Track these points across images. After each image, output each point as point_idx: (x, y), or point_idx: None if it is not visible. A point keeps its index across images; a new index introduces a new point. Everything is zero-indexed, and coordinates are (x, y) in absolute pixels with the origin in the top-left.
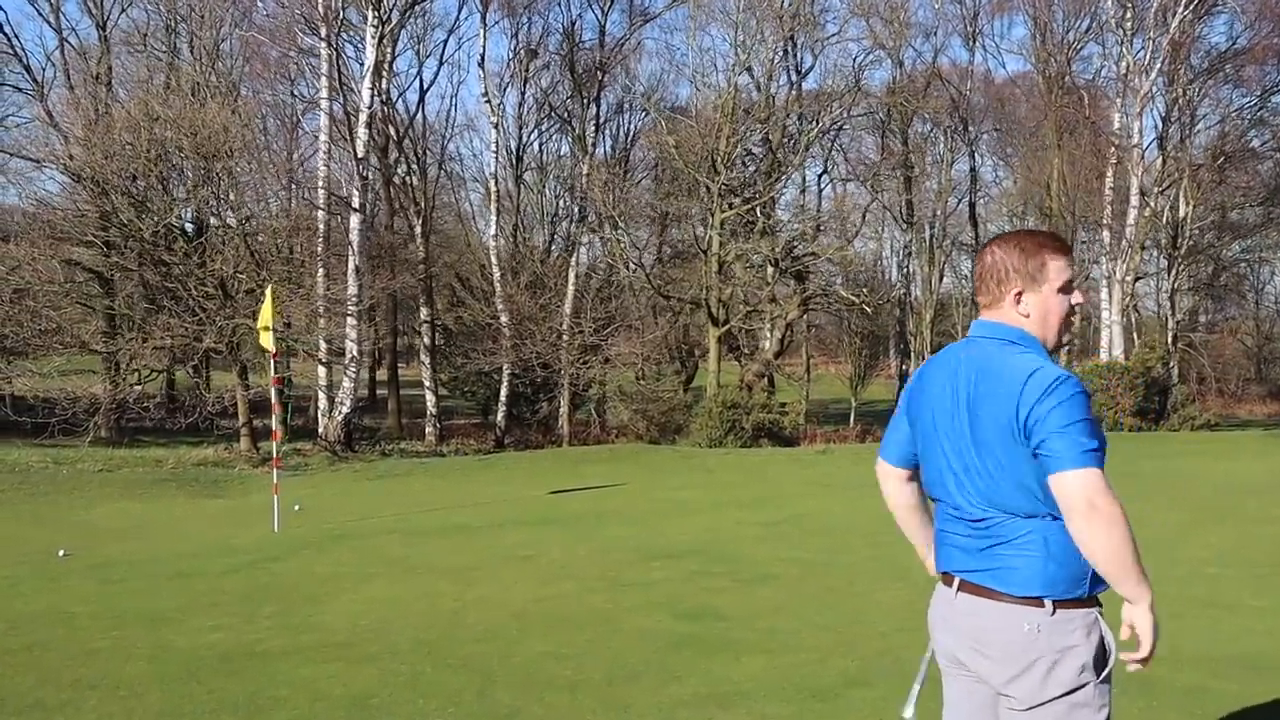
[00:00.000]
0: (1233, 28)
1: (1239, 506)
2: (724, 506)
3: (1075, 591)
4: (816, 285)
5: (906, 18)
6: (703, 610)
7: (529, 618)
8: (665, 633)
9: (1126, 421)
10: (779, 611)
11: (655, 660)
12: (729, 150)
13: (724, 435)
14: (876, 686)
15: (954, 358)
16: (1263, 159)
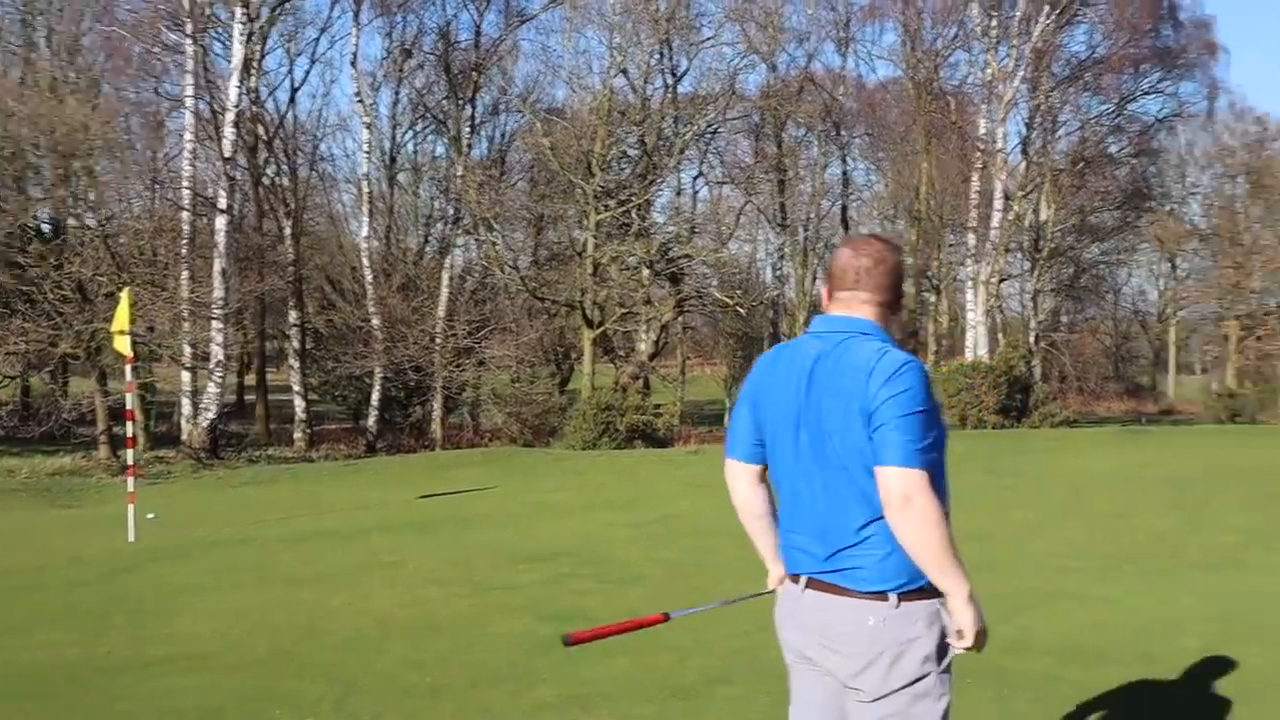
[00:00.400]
0: (1092, 37)
1: (1091, 501)
2: (595, 508)
3: (918, 583)
4: (691, 287)
5: (780, 23)
6: (569, 612)
7: (391, 624)
8: (530, 636)
9: (990, 419)
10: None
11: (519, 663)
12: (604, 152)
13: (598, 437)
14: (738, 684)
15: (804, 351)
16: (1120, 165)
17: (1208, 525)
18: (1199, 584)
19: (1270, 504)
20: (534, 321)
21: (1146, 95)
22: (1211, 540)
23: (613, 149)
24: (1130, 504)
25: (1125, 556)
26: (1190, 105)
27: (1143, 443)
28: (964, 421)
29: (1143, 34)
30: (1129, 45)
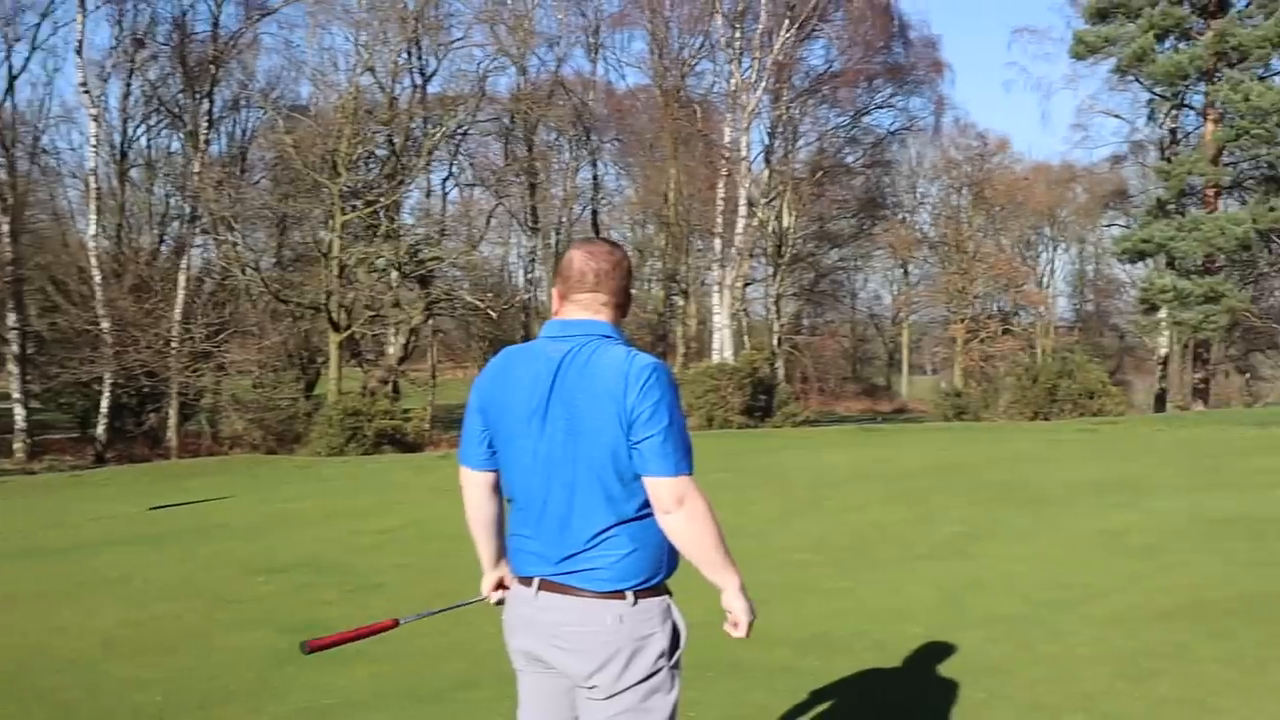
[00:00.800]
0: (829, 52)
1: (828, 497)
2: (339, 516)
3: (653, 580)
4: (441, 290)
5: (531, 26)
6: (308, 624)
7: (117, 644)
8: (267, 649)
9: (735, 419)
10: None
11: (255, 678)
12: (350, 152)
13: (345, 443)
14: (486, 688)
15: (543, 355)
16: (856, 174)
17: (934, 518)
18: (925, 574)
19: (990, 497)
20: (278, 325)
21: (879, 109)
22: (937, 532)
23: (359, 148)
24: (864, 499)
25: (858, 549)
26: (919, 120)
27: (876, 440)
28: (711, 422)
29: (876, 50)
30: (863, 61)
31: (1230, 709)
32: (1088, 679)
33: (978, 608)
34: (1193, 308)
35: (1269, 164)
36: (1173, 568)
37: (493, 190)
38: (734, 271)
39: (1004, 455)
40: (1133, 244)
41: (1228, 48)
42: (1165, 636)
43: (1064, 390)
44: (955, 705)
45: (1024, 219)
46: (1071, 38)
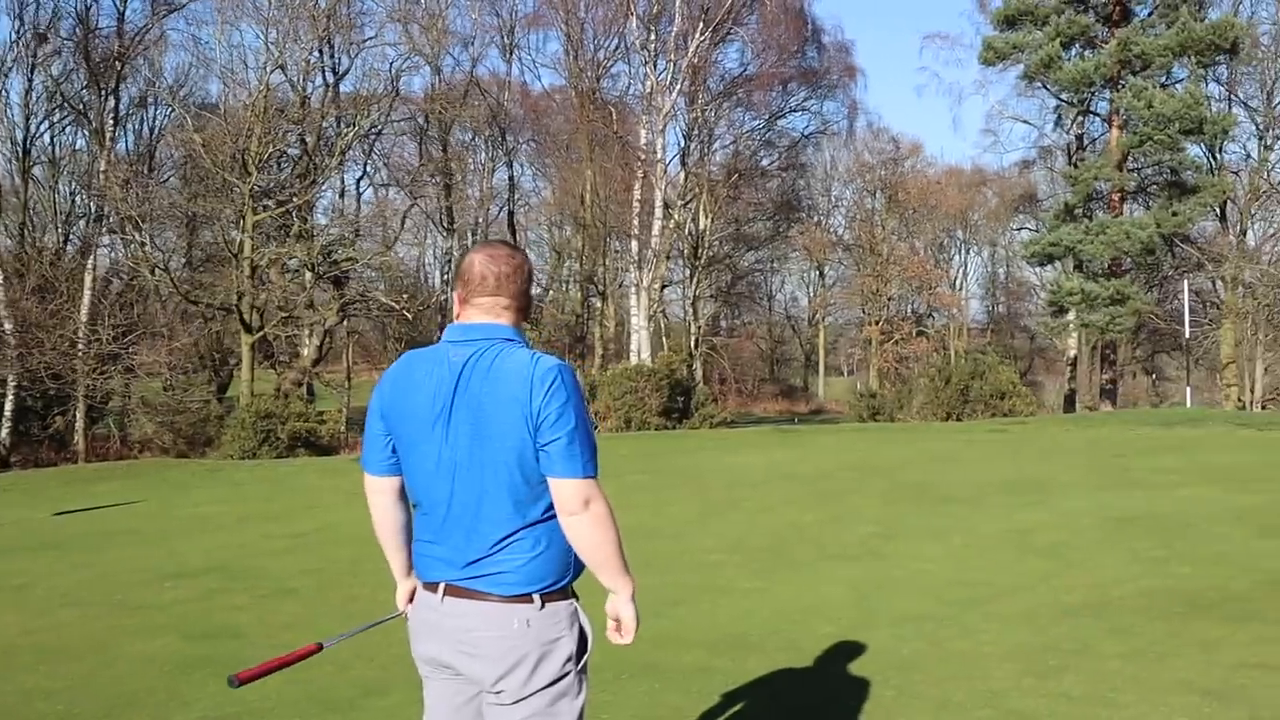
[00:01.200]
0: (744, 56)
1: (744, 498)
2: (250, 520)
3: (560, 584)
4: (356, 291)
5: (444, 26)
6: (217, 629)
7: (17, 652)
8: (173, 656)
9: (653, 421)
10: (298, 625)
11: (160, 686)
12: (261, 151)
13: (258, 447)
14: (393, 694)
15: (445, 359)
16: (771, 177)
17: (848, 518)
18: (839, 573)
19: (904, 497)
20: (188, 326)
21: (794, 112)
22: (851, 532)
23: (270, 148)
24: (780, 500)
25: (774, 550)
26: (833, 123)
27: (792, 441)
28: (629, 424)
29: (790, 54)
30: (778, 65)
31: (1130, 704)
32: (995, 676)
33: (889, 607)
34: (1100, 310)
35: (1171, 169)
36: (1078, 566)
37: (408, 191)
38: (651, 273)
39: (917, 456)
40: (1041, 247)
41: (1131, 55)
42: (1070, 633)
43: (976, 391)
44: (866, 703)
45: (937, 222)
46: (981, 44)
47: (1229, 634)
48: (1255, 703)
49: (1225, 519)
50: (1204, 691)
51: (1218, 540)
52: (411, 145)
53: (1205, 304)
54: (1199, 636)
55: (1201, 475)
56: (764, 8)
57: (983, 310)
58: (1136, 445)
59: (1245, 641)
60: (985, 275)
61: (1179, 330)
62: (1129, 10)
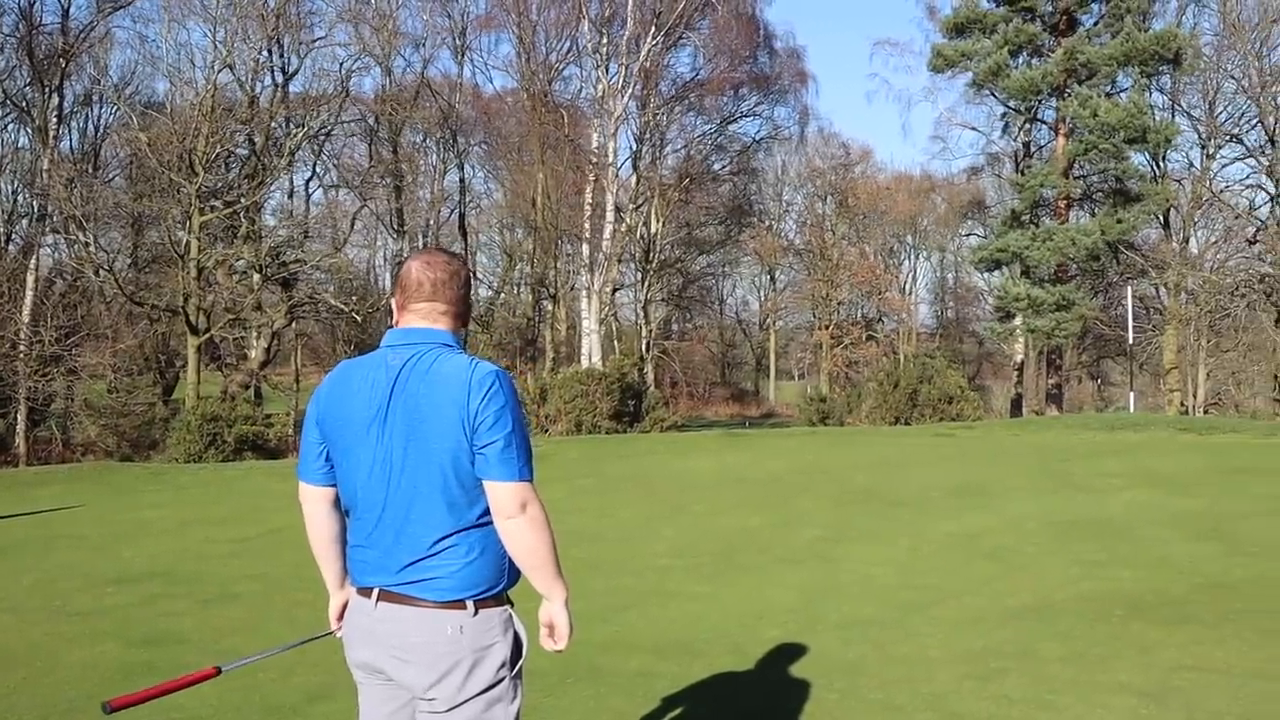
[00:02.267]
0: (696, 60)
1: (693, 502)
2: (194, 525)
3: (494, 590)
4: (305, 293)
5: (395, 26)
6: (159, 635)
7: None
8: (114, 663)
9: (604, 424)
10: (241, 631)
11: (100, 693)
12: (209, 151)
13: (204, 450)
14: (339, 699)
15: (382, 365)
16: (723, 182)
17: (796, 522)
18: (786, 578)
19: (851, 501)
20: (133, 327)
21: (745, 117)
22: (798, 536)
23: (218, 148)
24: (727, 504)
25: (721, 554)
26: (784, 128)
27: (742, 445)
28: (579, 427)
29: (742, 60)
30: (729, 70)
31: (1069, 705)
32: (938, 679)
33: (835, 611)
34: (1046, 315)
35: (1116, 177)
36: (1022, 570)
37: (358, 192)
38: (602, 277)
39: (865, 460)
40: (989, 253)
41: (1077, 64)
42: (1012, 637)
43: (924, 395)
44: (809, 706)
45: (886, 227)
46: (930, 52)
47: (1166, 636)
48: (1191, 704)
49: (1165, 523)
50: (1141, 693)
51: (1157, 544)
52: (362, 146)
53: (1149, 310)
54: (1137, 639)
55: (1143, 480)
56: (716, 13)
57: (932, 315)
58: (1081, 450)
59: (1182, 643)
60: (934, 280)
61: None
62: (1075, 20)
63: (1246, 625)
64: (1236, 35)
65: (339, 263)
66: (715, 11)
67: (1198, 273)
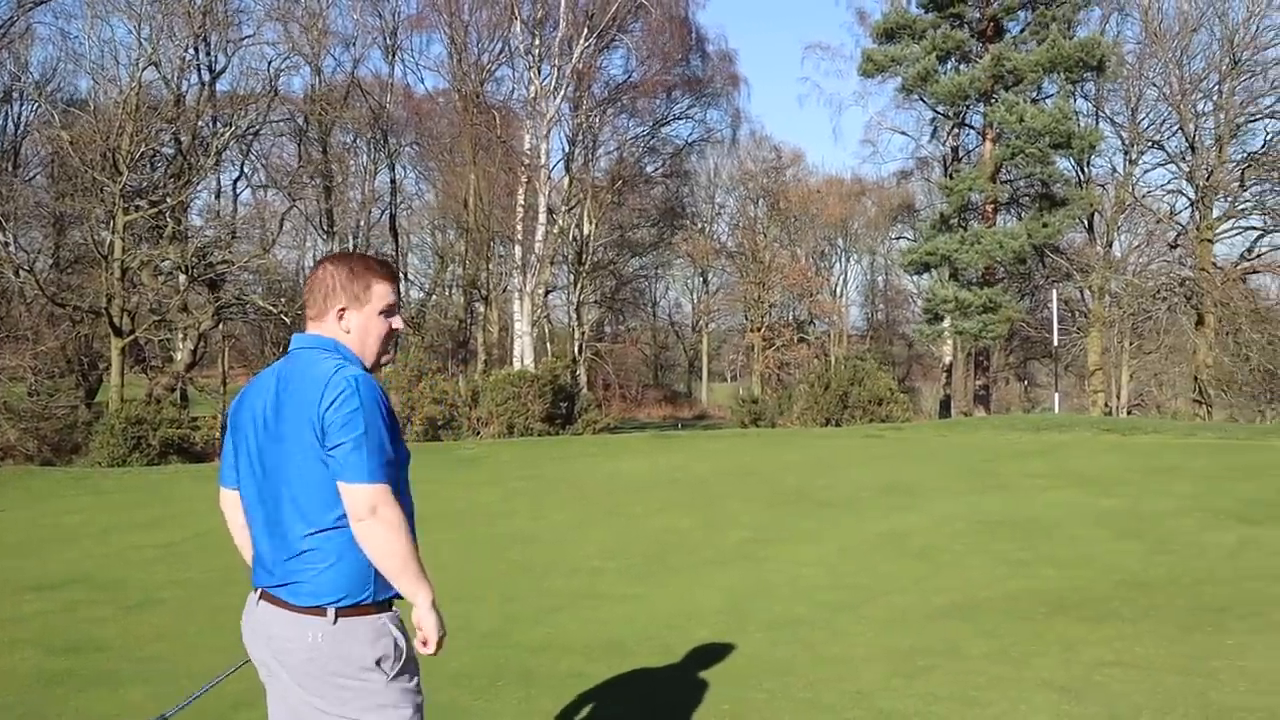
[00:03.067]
0: (629, 62)
1: (624, 504)
2: (117, 530)
3: (356, 598)
4: (232, 294)
5: (325, 25)
6: (80, 643)
7: None
8: (33, 671)
9: (536, 427)
10: (165, 638)
11: (20, 703)
12: (133, 150)
13: (128, 453)
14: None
15: (274, 371)
16: (655, 184)
17: (726, 523)
18: (716, 579)
19: (780, 502)
20: (55, 329)
21: (678, 120)
22: (728, 537)
23: (143, 147)
24: (658, 505)
25: (652, 556)
26: (716, 131)
27: (673, 447)
28: (511, 430)
29: (674, 62)
30: (662, 72)
31: (993, 701)
32: (864, 677)
33: (764, 611)
34: (973, 317)
35: (1042, 182)
36: (948, 568)
37: (287, 192)
38: (535, 278)
39: (796, 461)
40: (919, 256)
41: (1004, 71)
42: (938, 635)
43: (855, 397)
44: (738, 706)
45: (818, 230)
46: (861, 56)
47: (1088, 633)
48: (1112, 700)
49: (1087, 522)
50: (1063, 689)
51: (1079, 543)
52: (291, 146)
53: (1074, 313)
54: (1060, 636)
55: (1066, 479)
56: (648, 15)
57: (862, 317)
58: (1007, 450)
59: (1103, 640)
60: (865, 283)
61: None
62: (1002, 27)
63: (1165, 621)
64: (1158, 44)
65: (267, 264)
66: (648, 14)
67: (1121, 276)
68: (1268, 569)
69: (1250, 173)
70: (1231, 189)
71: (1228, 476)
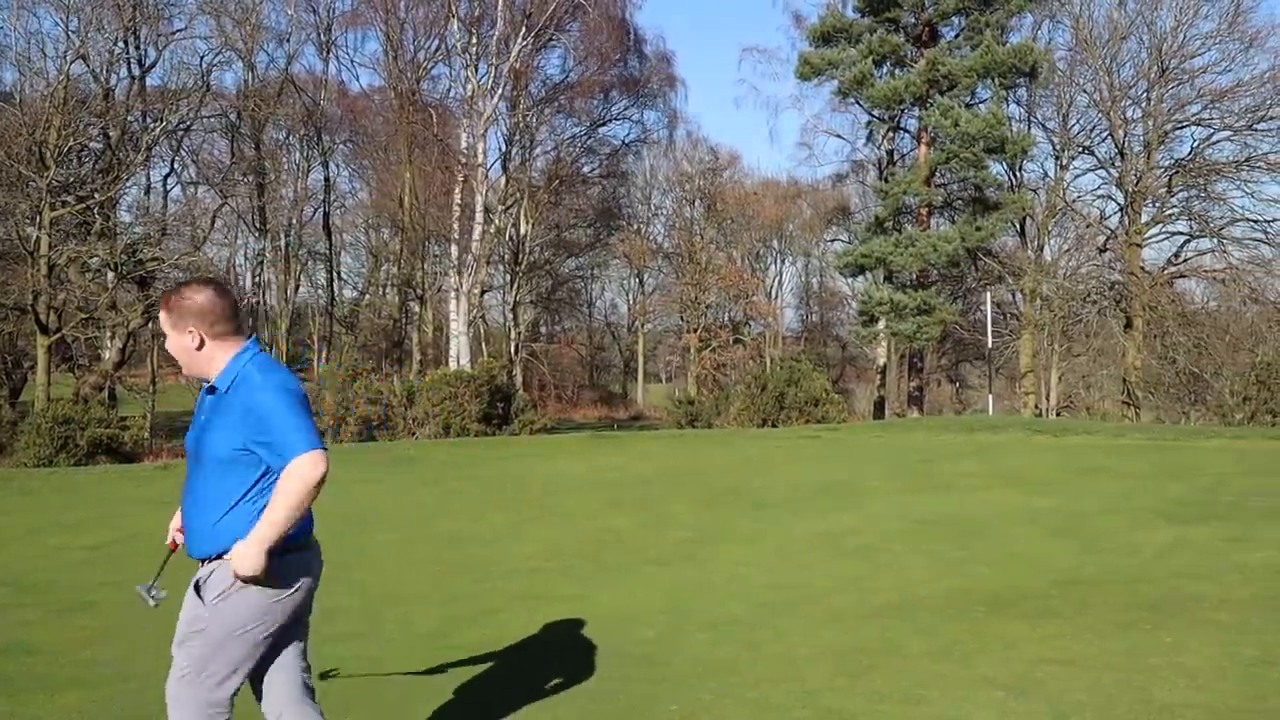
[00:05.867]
0: (566, 62)
1: (562, 504)
2: (44, 531)
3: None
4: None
5: (259, 20)
6: (9, 646)
7: None
8: None
9: (473, 427)
10: (99, 641)
11: None
12: (60, 144)
13: (55, 453)
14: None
15: None
16: (592, 184)
17: (665, 523)
18: (656, 579)
19: (718, 502)
20: None
21: (615, 120)
22: (667, 537)
23: (71, 141)
24: (597, 506)
25: (591, 556)
26: (653, 132)
27: (610, 448)
28: (448, 430)
29: (611, 63)
30: (599, 72)
31: (937, 699)
32: (809, 676)
33: (705, 610)
34: (908, 319)
35: (975, 186)
36: (886, 567)
37: (218, 189)
38: (471, 278)
39: (733, 461)
40: (854, 258)
41: (939, 75)
42: (878, 634)
43: (791, 398)
44: (684, 705)
45: (754, 232)
46: (798, 59)
47: (1027, 631)
48: (1053, 696)
49: (1021, 521)
50: (1006, 686)
51: (1014, 541)
52: (222, 143)
53: (1005, 315)
54: (999, 634)
55: (999, 479)
56: (586, 16)
57: (797, 319)
58: (941, 451)
59: (1042, 638)
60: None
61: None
62: (937, 32)
63: (1100, 619)
64: (1088, 51)
65: (198, 261)
66: (586, 14)
67: (1052, 280)
68: (1199, 568)
69: (1178, 179)
70: (1160, 194)
71: (1156, 476)
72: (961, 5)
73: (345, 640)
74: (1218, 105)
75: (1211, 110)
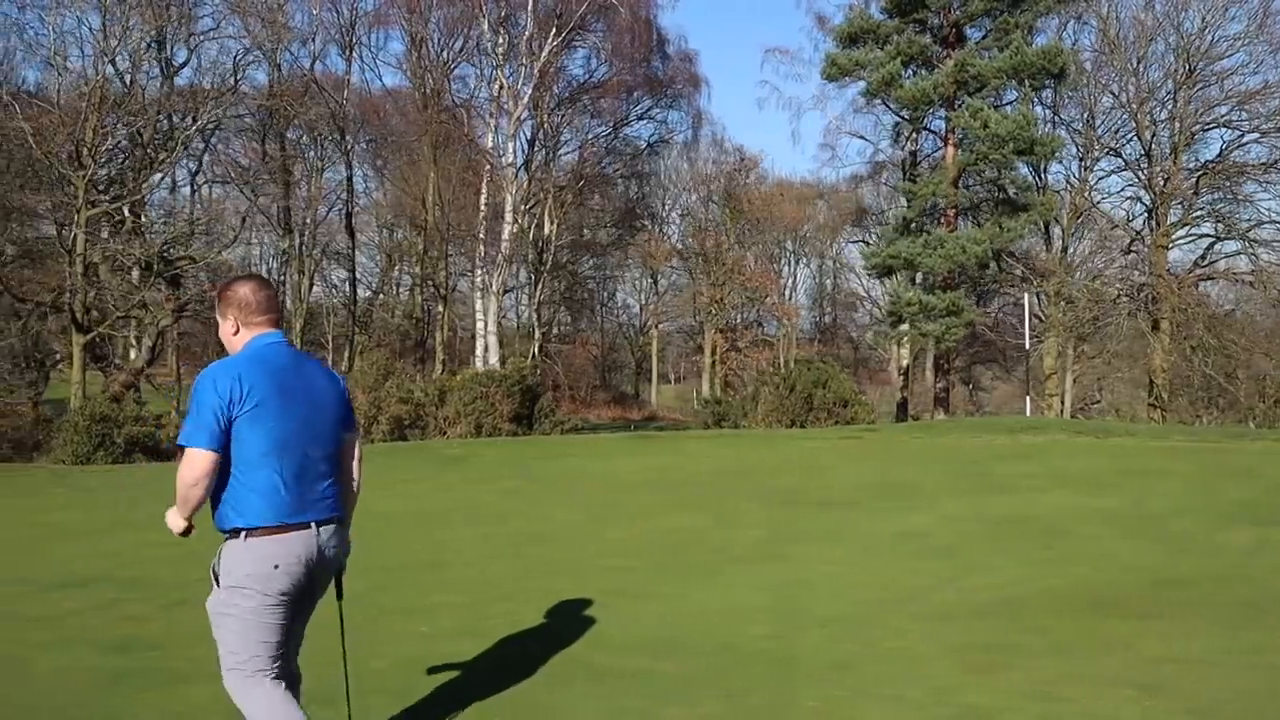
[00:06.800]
0: (590, 62)
1: (624, 503)
2: (119, 528)
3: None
4: (194, 291)
5: (284, 20)
6: (129, 641)
7: None
8: (93, 669)
9: (503, 427)
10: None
11: (89, 701)
12: (95, 142)
13: (93, 451)
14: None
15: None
16: (614, 184)
17: (736, 522)
18: (748, 576)
19: (784, 501)
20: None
21: (639, 121)
22: (743, 536)
23: (106, 139)
24: (659, 505)
25: (674, 554)
26: (676, 133)
27: (655, 448)
28: (479, 430)
29: (636, 63)
30: (623, 73)
31: (1073, 697)
32: (936, 674)
33: (812, 608)
34: (936, 320)
35: (1003, 188)
36: (977, 568)
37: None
38: (498, 278)
39: (781, 461)
40: (882, 259)
41: (967, 76)
42: (992, 631)
43: (820, 399)
44: (822, 703)
45: (770, 234)
46: (824, 59)
47: (1140, 630)
48: (1185, 694)
49: (1094, 521)
50: (1137, 685)
51: (1093, 541)
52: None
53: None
54: (1112, 634)
55: (1058, 481)
56: (616, 15)
57: (809, 321)
58: (988, 452)
59: (1157, 637)
60: (813, 286)
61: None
62: (964, 33)
63: (1211, 619)
64: (1115, 52)
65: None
66: (616, 14)
67: (1079, 281)
68: None
69: (1204, 181)
70: (1186, 196)
71: (1212, 478)
72: (989, 6)
73: (453, 638)
74: (1246, 107)
75: (1239, 112)
